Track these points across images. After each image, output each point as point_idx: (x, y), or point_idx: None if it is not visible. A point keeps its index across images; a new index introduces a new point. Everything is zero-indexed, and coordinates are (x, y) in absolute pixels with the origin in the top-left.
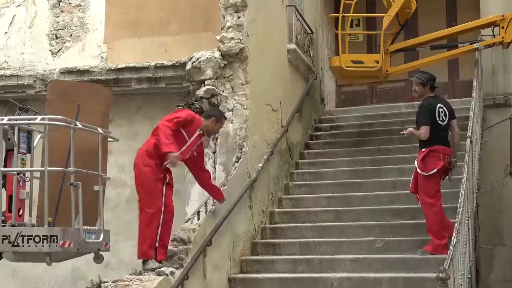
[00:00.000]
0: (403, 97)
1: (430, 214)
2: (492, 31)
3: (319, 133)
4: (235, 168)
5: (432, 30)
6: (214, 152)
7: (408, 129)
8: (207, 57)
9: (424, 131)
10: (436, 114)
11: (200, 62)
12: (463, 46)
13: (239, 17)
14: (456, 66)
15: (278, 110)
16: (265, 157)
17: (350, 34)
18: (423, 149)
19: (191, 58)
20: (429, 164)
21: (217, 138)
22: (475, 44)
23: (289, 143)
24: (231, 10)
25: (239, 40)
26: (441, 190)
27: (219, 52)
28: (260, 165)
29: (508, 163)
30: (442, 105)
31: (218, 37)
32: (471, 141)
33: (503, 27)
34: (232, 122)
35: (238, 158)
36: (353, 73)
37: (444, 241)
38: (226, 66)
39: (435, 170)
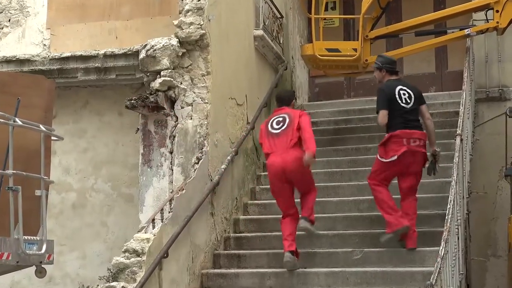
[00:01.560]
0: None
1: (374, 196)
2: (485, 15)
3: None
4: (194, 170)
5: (417, 14)
6: (171, 152)
7: None
8: (163, 45)
9: (380, 116)
10: (397, 97)
11: (155, 50)
12: (453, 32)
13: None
14: (445, 55)
15: (244, 104)
16: (228, 157)
17: (324, 19)
18: (386, 135)
19: (145, 45)
20: (389, 150)
21: (174, 136)
22: (466, 30)
23: (256, 141)
24: None
25: (200, 26)
26: (429, 195)
27: (177, 39)
28: (223, 166)
29: (503, 164)
30: (403, 87)
31: (175, 22)
32: (461, 140)
33: (497, 11)
34: (191, 118)
35: (198, 159)
36: (328, 63)
37: (394, 215)
38: (185, 54)
39: (395, 157)
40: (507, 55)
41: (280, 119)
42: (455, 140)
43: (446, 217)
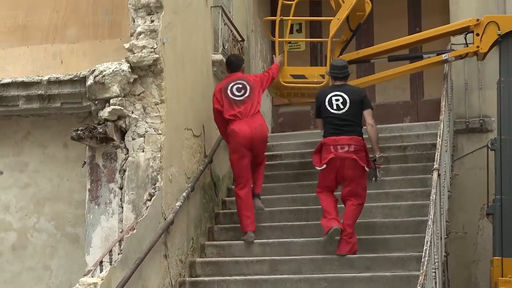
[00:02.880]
0: None
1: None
2: (465, 38)
3: None
4: (147, 208)
5: (390, 37)
6: (121, 188)
7: None
8: (112, 70)
9: (318, 125)
10: (327, 104)
11: (104, 76)
12: (429, 57)
13: (152, 21)
14: (421, 82)
15: (201, 135)
16: (184, 194)
17: (289, 42)
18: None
19: (93, 71)
20: (322, 158)
21: (124, 171)
22: (443, 55)
23: (214, 176)
24: (143, 12)
25: (153, 49)
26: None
27: (128, 64)
28: (178, 204)
29: (485, 201)
30: (339, 93)
31: (126, 46)
32: (438, 175)
33: (478, 34)
34: (143, 151)
35: (151, 195)
36: (293, 90)
37: (326, 218)
38: (137, 81)
39: (324, 165)
40: (488, 83)
41: (240, 85)
42: (432, 175)
43: (422, 260)
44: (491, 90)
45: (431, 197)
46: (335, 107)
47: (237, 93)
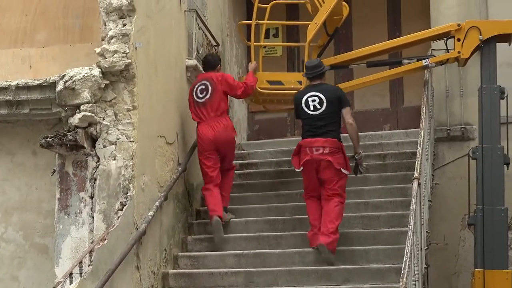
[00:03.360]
0: None
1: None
2: (446, 44)
3: None
4: (118, 218)
5: (369, 42)
6: (91, 197)
7: None
8: (83, 75)
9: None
10: (303, 105)
11: (74, 81)
12: (409, 63)
13: (124, 25)
14: (400, 89)
15: (174, 143)
16: (157, 203)
17: (265, 47)
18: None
19: (63, 76)
20: (300, 160)
21: (95, 179)
22: (424, 61)
23: (188, 185)
24: (115, 15)
25: (125, 54)
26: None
27: (99, 69)
28: (151, 213)
29: (466, 212)
30: (315, 93)
31: (97, 50)
32: (419, 184)
33: (459, 39)
34: (115, 159)
35: (123, 205)
36: (269, 97)
37: (310, 232)
38: (108, 87)
39: (301, 168)
40: (470, 89)
41: (203, 86)
42: (412, 184)
43: (402, 272)
44: (472, 97)
45: (411, 207)
46: (311, 107)
47: (200, 95)
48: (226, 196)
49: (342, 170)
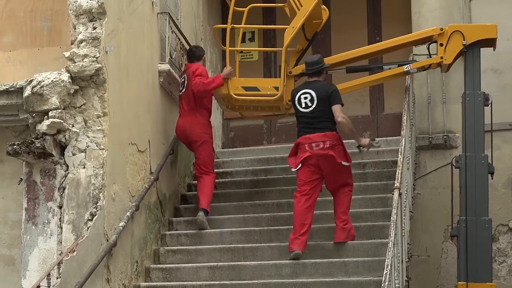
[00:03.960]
0: None
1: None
2: (428, 49)
3: None
4: (88, 228)
5: (349, 47)
6: (60, 207)
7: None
8: (52, 80)
9: None
10: (296, 102)
11: (42, 86)
12: (390, 68)
13: (95, 28)
14: (381, 95)
15: (146, 151)
16: (128, 213)
17: (241, 52)
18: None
19: (31, 81)
20: (297, 158)
21: (64, 188)
22: (405, 66)
23: (160, 195)
24: (85, 18)
25: (95, 58)
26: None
27: (68, 74)
28: (122, 224)
29: (449, 223)
30: (307, 90)
31: (67, 54)
32: (399, 194)
33: (441, 44)
34: (84, 167)
35: (92, 215)
36: (245, 103)
37: (292, 236)
38: (78, 92)
39: (300, 165)
40: (452, 96)
41: (183, 79)
42: (392, 194)
43: (382, 285)
44: (455, 104)
45: (391, 218)
46: (303, 105)
47: (180, 87)
48: (203, 199)
49: (343, 163)
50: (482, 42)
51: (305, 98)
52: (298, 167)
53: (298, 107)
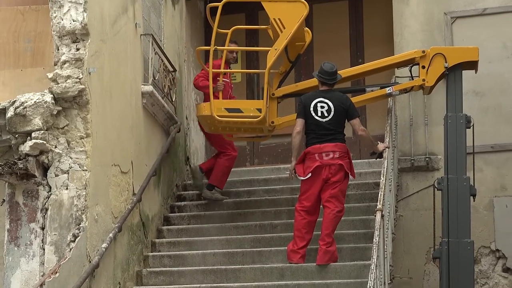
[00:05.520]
0: None
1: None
2: (410, 71)
3: (183, 203)
4: (70, 250)
5: None
6: (42, 228)
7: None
8: (35, 101)
9: (296, 125)
10: (311, 109)
11: (25, 107)
12: (372, 90)
13: (78, 49)
14: (363, 117)
15: (129, 172)
16: (111, 235)
17: (224, 74)
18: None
19: (14, 102)
20: (306, 167)
21: (47, 209)
22: (387, 89)
23: (143, 216)
24: (68, 39)
25: (78, 79)
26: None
27: (52, 95)
28: (105, 245)
29: (431, 245)
30: (324, 99)
31: (50, 75)
32: (382, 216)
33: (423, 67)
34: (67, 188)
35: (75, 236)
36: (228, 125)
37: (291, 247)
38: (61, 113)
39: (309, 175)
40: (435, 118)
41: None
42: (375, 216)
43: None
44: (437, 126)
45: (374, 240)
46: (319, 114)
47: None
48: (213, 174)
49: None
50: (464, 65)
51: (322, 107)
52: (308, 176)
53: (314, 115)
